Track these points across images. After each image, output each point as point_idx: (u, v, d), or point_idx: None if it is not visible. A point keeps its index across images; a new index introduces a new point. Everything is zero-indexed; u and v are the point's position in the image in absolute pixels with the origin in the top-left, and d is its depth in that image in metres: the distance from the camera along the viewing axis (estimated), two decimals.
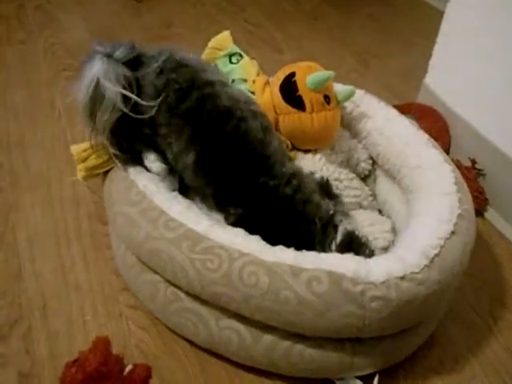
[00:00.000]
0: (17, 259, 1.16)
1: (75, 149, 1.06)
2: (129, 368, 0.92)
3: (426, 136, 1.13)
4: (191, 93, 0.96)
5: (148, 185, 0.99)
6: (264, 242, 0.90)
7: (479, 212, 1.30)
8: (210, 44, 1.21)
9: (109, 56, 0.94)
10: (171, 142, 0.98)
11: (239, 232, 0.91)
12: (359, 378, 0.93)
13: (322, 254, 0.89)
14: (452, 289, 0.94)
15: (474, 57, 1.34)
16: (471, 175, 1.30)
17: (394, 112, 1.19)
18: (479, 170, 1.32)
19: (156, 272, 0.96)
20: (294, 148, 1.15)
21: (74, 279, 1.12)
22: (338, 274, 0.82)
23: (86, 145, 1.04)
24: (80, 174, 1.07)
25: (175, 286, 0.94)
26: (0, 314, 1.05)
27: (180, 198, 1.00)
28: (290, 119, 1.10)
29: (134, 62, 0.97)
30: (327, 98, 1.09)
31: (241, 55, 1.20)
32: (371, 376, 0.93)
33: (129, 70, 0.95)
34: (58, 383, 0.89)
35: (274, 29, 2.06)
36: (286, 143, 1.12)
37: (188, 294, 0.93)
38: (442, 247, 0.88)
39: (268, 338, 0.90)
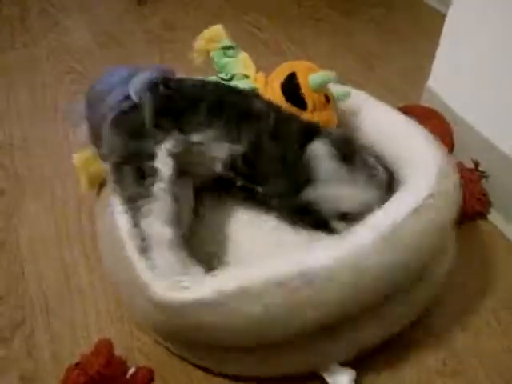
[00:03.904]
0: (19, 262, 1.16)
1: (77, 157, 1.05)
2: (131, 371, 0.92)
3: (425, 132, 1.10)
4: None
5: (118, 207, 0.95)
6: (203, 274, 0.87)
7: (482, 214, 1.29)
8: (204, 35, 1.19)
9: None
10: None
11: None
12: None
13: (261, 263, 0.85)
14: (419, 266, 0.91)
15: (476, 59, 1.33)
16: (474, 177, 1.30)
17: (396, 113, 1.19)
18: (482, 172, 1.32)
19: None
20: None
21: (77, 282, 1.12)
22: (285, 280, 0.79)
23: (88, 152, 1.03)
24: (84, 187, 1.06)
25: None
26: (2, 316, 1.05)
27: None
28: None
29: None
30: (327, 98, 1.11)
31: (235, 49, 1.19)
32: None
33: None
34: None
35: (277, 32, 2.06)
36: None
37: None
38: (399, 224, 0.85)
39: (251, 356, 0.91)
